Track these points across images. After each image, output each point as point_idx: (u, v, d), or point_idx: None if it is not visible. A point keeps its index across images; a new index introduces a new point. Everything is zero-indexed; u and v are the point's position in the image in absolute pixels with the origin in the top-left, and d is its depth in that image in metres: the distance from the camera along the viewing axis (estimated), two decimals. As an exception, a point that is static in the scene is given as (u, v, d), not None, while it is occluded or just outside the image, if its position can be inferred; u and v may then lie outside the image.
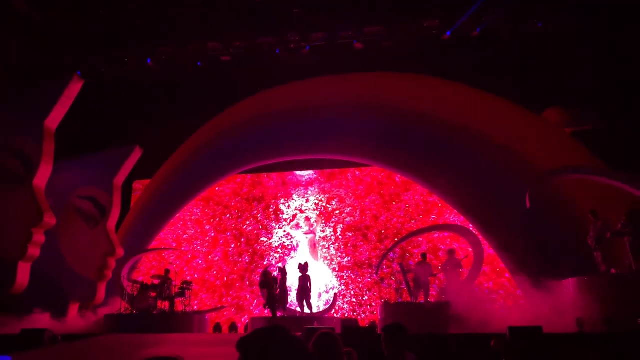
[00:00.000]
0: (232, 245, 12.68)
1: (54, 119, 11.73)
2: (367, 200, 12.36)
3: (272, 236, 12.85)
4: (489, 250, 12.24)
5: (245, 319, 13.77)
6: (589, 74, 13.22)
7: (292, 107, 14.30)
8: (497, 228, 12.38)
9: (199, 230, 12.93)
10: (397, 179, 12.27)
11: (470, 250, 11.82)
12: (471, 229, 12.75)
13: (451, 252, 12.60)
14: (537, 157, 11.65)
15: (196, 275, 12.45)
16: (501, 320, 8.77)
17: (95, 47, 16.24)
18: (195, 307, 13.60)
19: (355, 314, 11.82)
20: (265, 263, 12.63)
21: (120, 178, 14.29)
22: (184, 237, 12.99)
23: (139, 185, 17.16)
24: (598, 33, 13.14)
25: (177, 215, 13.49)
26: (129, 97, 16.54)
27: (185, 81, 16.55)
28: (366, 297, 11.82)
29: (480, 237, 12.92)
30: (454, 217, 12.05)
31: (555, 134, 12.52)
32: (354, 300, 11.86)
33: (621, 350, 6.99)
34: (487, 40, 14.53)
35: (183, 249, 15.45)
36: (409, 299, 12.26)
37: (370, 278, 12.03)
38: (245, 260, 12.47)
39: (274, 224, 12.85)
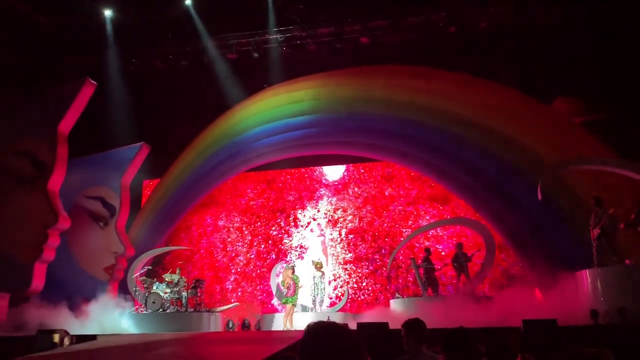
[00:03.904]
0: (262, 246, 15.98)
1: (67, 123, 11.82)
2: (363, 210, 15.66)
3: (292, 238, 15.98)
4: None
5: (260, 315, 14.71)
6: (598, 63, 13.12)
7: (309, 102, 14.31)
8: (508, 221, 12.36)
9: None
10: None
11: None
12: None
13: (459, 246, 12.66)
14: (546, 148, 11.58)
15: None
16: (515, 313, 8.75)
17: (102, 48, 16.26)
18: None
19: (356, 295, 14.89)
20: (287, 259, 15.43)
21: (128, 177, 14.31)
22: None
23: (149, 184, 17.27)
24: (608, 21, 13.03)
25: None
26: (136, 95, 16.55)
27: (192, 79, 16.56)
28: (364, 283, 15.00)
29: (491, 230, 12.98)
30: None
31: (564, 124, 12.43)
32: (355, 285, 15.03)
33: (636, 341, 6.96)
34: (494, 31, 14.42)
35: (189, 247, 16.29)
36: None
37: (367, 269, 15.12)
38: (272, 257, 15.75)
39: (293, 229, 16.03)
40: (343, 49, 15.58)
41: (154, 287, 12.74)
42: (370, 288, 14.89)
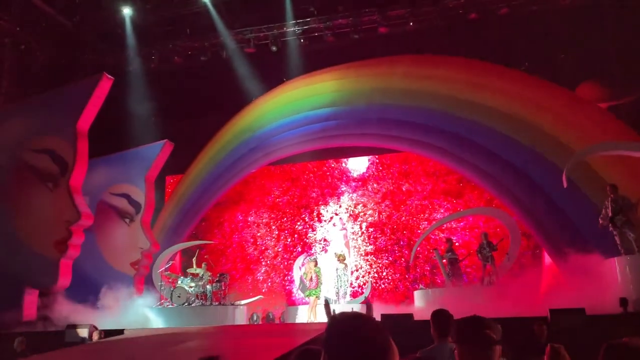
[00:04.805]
0: (289, 240, 16.91)
1: (86, 119, 11.81)
2: (382, 205, 16.42)
3: (316, 232, 16.77)
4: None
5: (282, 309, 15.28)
6: (623, 46, 12.80)
7: (328, 94, 14.25)
8: (533, 209, 12.17)
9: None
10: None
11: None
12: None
13: (485, 235, 12.53)
14: (571, 134, 11.35)
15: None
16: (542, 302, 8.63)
17: (121, 46, 16.42)
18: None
19: (377, 284, 15.63)
20: (312, 251, 16.16)
21: (152, 174, 14.45)
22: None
23: (171, 180, 17.52)
24: (632, 2, 12.68)
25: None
26: (157, 93, 16.67)
27: (211, 75, 16.62)
28: (385, 273, 15.81)
29: (515, 218, 12.85)
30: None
31: (589, 109, 12.15)
32: (375, 275, 15.81)
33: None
34: (515, 17, 14.14)
35: (214, 242, 16.70)
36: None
37: (387, 260, 15.91)
38: (298, 250, 16.65)
39: (317, 224, 16.83)
40: (361, 39, 15.46)
41: (179, 282, 12.89)
42: (390, 277, 15.77)
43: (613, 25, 12.98)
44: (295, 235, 16.89)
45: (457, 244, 14.48)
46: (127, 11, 15.98)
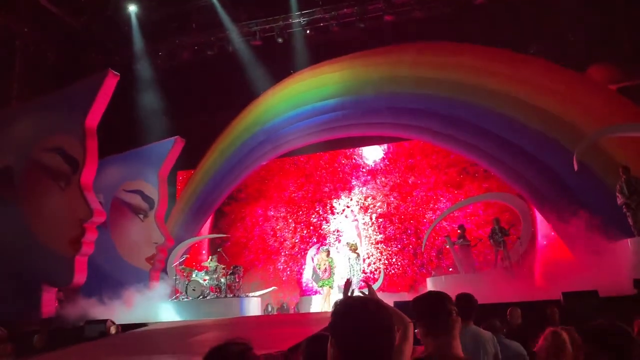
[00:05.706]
0: (305, 232, 17.76)
1: (94, 117, 11.77)
2: (391, 197, 17.15)
3: (330, 224, 17.56)
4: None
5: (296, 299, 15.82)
6: (632, 25, 12.65)
7: (335, 85, 14.26)
8: (544, 193, 12.12)
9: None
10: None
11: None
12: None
13: (497, 221, 12.51)
14: (581, 117, 11.25)
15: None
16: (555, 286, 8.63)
17: (128, 44, 16.50)
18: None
19: (387, 270, 16.37)
20: (326, 242, 16.97)
21: (165, 170, 14.53)
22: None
23: (182, 176, 17.82)
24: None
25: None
26: (165, 89, 16.75)
27: (219, 69, 16.66)
28: (394, 260, 16.53)
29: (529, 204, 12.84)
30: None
31: (600, 91, 12.02)
32: (386, 262, 16.55)
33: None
34: (522, 0, 14.00)
35: (227, 235, 17.15)
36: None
37: (396, 247, 16.68)
38: (313, 240, 17.51)
39: (330, 216, 17.63)
40: (368, 28, 15.39)
41: (193, 275, 13.02)
42: (399, 263, 16.61)
43: (622, 6, 12.79)
44: (311, 227, 17.65)
45: (459, 231, 14.53)
46: (132, 8, 16.05)
